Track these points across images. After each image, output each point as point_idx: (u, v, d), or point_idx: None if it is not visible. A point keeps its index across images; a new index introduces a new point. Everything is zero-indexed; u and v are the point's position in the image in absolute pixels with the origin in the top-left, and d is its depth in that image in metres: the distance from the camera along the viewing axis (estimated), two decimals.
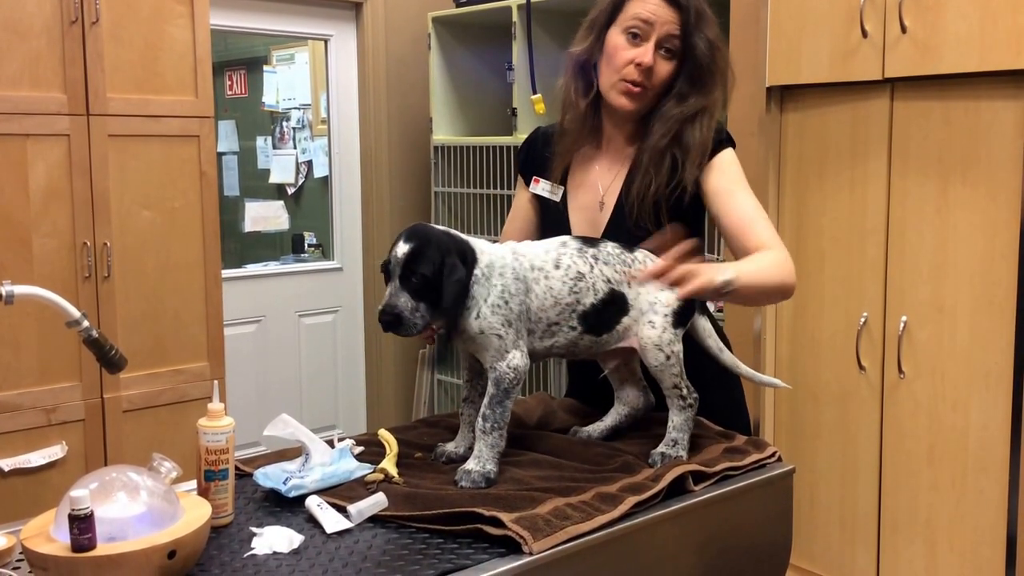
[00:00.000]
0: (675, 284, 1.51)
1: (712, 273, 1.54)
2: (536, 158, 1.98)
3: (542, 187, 1.94)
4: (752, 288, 1.66)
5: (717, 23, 1.81)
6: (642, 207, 1.80)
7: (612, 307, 1.68)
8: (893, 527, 2.82)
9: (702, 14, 1.79)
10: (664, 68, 1.80)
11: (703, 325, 1.78)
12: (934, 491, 2.72)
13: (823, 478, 2.97)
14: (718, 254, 3.29)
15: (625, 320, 1.69)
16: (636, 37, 1.78)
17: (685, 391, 1.70)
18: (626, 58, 1.79)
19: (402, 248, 1.53)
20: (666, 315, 1.69)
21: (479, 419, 1.59)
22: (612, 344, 1.71)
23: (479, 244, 1.62)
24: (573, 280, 1.65)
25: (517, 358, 1.59)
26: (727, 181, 1.80)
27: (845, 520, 2.93)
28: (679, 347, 1.70)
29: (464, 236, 1.62)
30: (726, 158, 1.82)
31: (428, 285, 1.53)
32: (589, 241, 1.72)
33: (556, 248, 1.68)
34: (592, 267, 1.67)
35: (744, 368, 1.83)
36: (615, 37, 1.80)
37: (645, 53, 1.77)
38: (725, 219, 1.78)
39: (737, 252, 1.78)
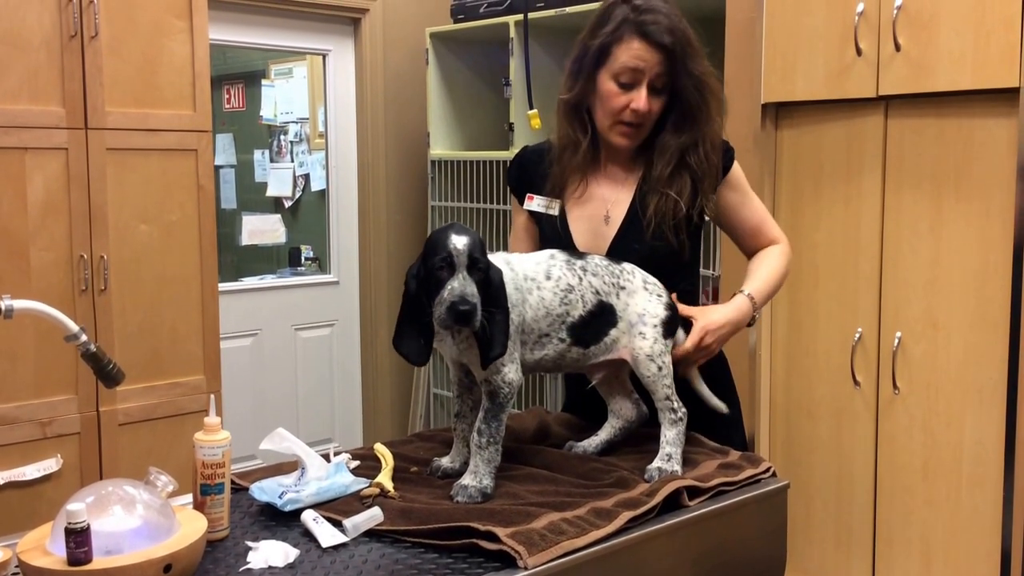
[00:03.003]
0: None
1: (735, 324, 1.84)
2: (528, 177, 2.01)
3: (537, 203, 1.97)
4: (768, 295, 1.93)
5: (703, 51, 1.85)
6: (664, 222, 1.86)
7: (600, 319, 1.70)
8: (888, 542, 2.82)
9: (686, 51, 1.81)
10: (657, 104, 1.85)
11: (677, 335, 1.80)
12: (929, 506, 2.72)
13: (818, 493, 2.97)
14: (714, 269, 3.31)
15: (613, 332, 1.71)
16: (627, 83, 1.82)
17: (675, 404, 1.71)
18: (621, 103, 1.84)
19: (461, 240, 1.51)
20: (655, 326, 1.71)
21: (474, 434, 1.60)
22: (600, 356, 1.72)
23: None
24: (563, 291, 1.67)
25: (512, 372, 1.60)
26: (740, 194, 1.97)
27: (840, 535, 2.93)
28: (669, 358, 1.72)
29: None
30: (735, 173, 1.95)
31: (486, 278, 1.54)
32: (576, 254, 1.75)
33: (546, 260, 1.70)
34: (581, 279, 1.69)
35: (703, 387, 1.84)
36: (606, 83, 1.84)
37: (639, 99, 1.82)
38: (741, 227, 1.98)
39: (750, 250, 2.00)
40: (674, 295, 1.80)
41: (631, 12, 1.81)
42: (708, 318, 1.80)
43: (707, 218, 1.96)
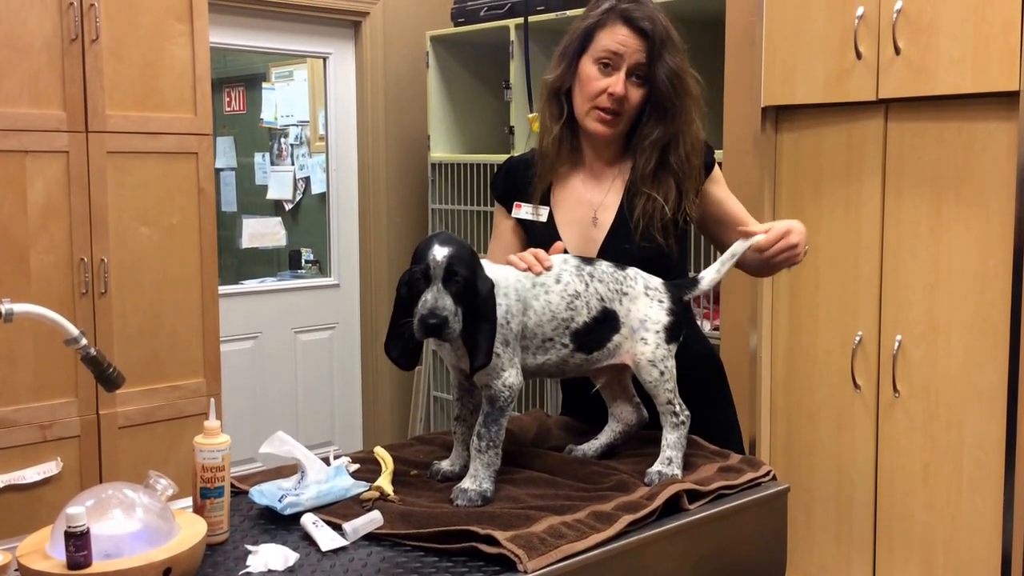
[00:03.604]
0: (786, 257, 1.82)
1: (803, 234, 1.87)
2: (515, 185, 2.02)
3: (524, 211, 1.99)
4: None
5: (683, 49, 1.89)
6: (651, 224, 1.89)
7: (604, 325, 1.70)
8: (888, 545, 2.82)
9: (666, 41, 1.86)
10: (636, 94, 1.88)
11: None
12: (929, 510, 2.72)
13: (819, 496, 2.97)
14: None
15: (616, 338, 1.71)
16: (607, 67, 1.86)
17: (678, 408, 1.71)
18: (599, 87, 1.87)
19: (442, 251, 1.52)
20: (658, 331, 1.71)
21: (474, 438, 1.60)
22: (603, 362, 1.72)
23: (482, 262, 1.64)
24: (570, 297, 1.68)
25: (512, 376, 1.60)
26: (723, 188, 2.03)
27: (841, 539, 2.93)
28: (672, 363, 1.72)
29: None
30: (716, 173, 2.00)
31: (467, 289, 1.54)
32: (585, 260, 1.75)
33: (558, 264, 1.71)
34: (587, 285, 1.70)
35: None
36: (587, 67, 1.88)
37: (617, 83, 1.85)
38: (728, 219, 2.00)
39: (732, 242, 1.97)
40: (746, 232, 1.83)
41: (618, 1, 1.87)
42: (782, 222, 1.85)
43: (691, 220, 1.98)
